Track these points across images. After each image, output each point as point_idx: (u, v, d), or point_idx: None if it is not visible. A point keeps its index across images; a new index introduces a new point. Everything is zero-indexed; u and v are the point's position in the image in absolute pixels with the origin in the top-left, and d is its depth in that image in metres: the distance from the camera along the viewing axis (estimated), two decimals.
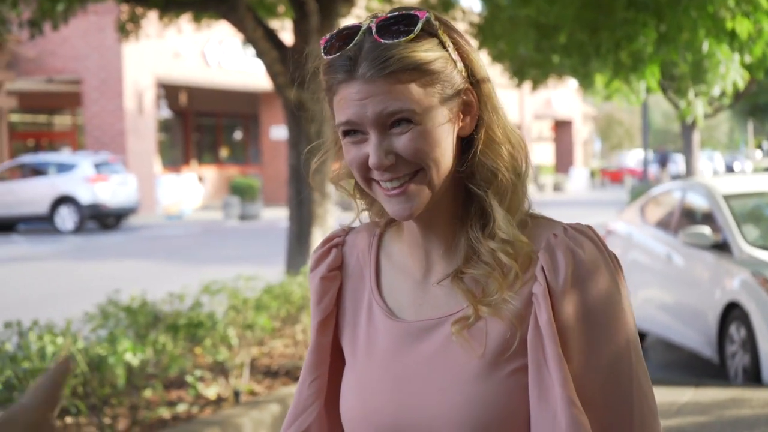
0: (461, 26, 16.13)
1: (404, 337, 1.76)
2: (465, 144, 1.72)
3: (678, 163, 58.54)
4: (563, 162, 66.32)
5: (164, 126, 38.48)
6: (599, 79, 14.91)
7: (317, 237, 9.94)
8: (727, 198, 9.98)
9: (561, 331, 1.62)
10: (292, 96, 9.95)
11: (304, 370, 1.91)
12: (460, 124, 1.71)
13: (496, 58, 17.06)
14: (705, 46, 11.45)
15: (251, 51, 12.67)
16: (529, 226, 1.72)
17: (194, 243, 24.51)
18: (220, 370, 7.21)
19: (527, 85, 20.06)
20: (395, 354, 1.76)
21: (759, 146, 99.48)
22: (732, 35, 11.22)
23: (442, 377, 1.69)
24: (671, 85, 21.49)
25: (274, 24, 11.69)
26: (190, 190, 34.92)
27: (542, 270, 1.65)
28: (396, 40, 1.64)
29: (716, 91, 16.59)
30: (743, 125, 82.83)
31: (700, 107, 19.21)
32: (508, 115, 1.77)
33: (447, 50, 1.69)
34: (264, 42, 9.87)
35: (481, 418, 1.64)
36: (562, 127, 67.26)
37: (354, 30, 1.68)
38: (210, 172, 40.43)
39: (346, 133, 1.69)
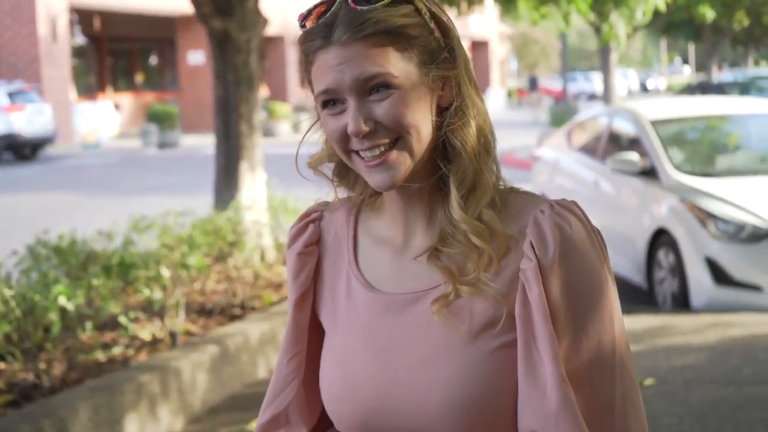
0: None
1: (385, 309, 1.74)
2: (442, 115, 1.70)
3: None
4: (481, 83, 65.52)
5: (78, 52, 37.73)
6: (522, 4, 14.90)
7: (245, 169, 9.81)
8: (654, 124, 10.05)
9: (549, 307, 1.62)
10: (216, 26, 9.77)
11: (282, 348, 1.90)
12: (440, 92, 1.69)
13: None
14: None
15: None
16: (512, 202, 1.71)
17: (114, 173, 24.22)
18: (154, 310, 7.13)
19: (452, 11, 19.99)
20: (377, 326, 1.75)
21: (671, 63, 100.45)
22: None
23: (426, 350, 1.68)
24: (594, 7, 21.53)
25: None
26: (106, 118, 34.39)
27: (531, 246, 1.64)
28: (371, 6, 1.62)
29: (639, 14, 16.67)
30: (656, 43, 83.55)
31: (621, 30, 19.31)
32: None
33: (423, 17, 1.67)
34: None
35: (467, 393, 1.63)
36: (478, 48, 67.27)
37: (330, 1, 1.66)
38: (126, 99, 39.84)
39: (325, 104, 1.67)
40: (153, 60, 44.05)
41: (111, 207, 15.81)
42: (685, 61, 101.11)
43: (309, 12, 1.69)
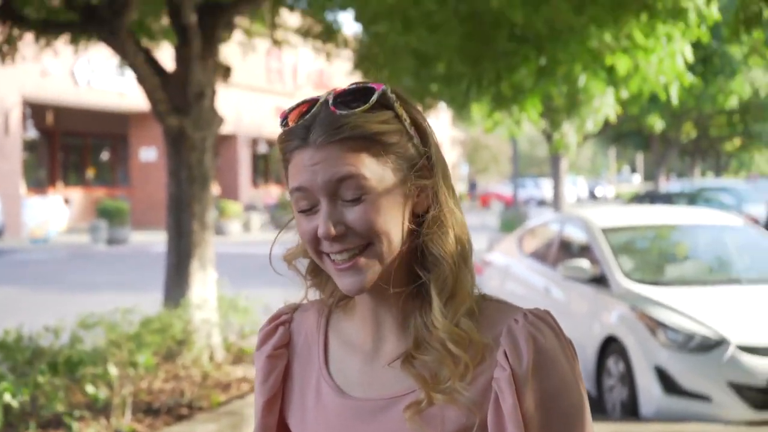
0: (344, 54, 16.14)
1: (354, 416, 1.72)
2: (418, 222, 1.70)
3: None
4: None
5: (30, 146, 37.61)
6: (476, 109, 15.07)
7: (196, 267, 9.78)
8: (605, 231, 10.14)
9: (523, 417, 1.61)
10: (173, 123, 9.79)
11: None
12: (415, 199, 1.69)
13: None
14: (582, 80, 11.66)
15: (125, 72, 12.46)
16: (485, 310, 1.70)
17: (62, 268, 23.98)
18: (100, 409, 7.02)
19: None
20: None
21: (619, 171, 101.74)
22: (610, 70, 11.46)
23: None
24: (542, 112, 21.85)
25: (153, 48, 11.47)
26: (56, 213, 34.16)
27: (505, 355, 1.63)
28: (350, 111, 1.63)
29: (589, 124, 16.93)
30: (605, 151, 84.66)
31: (572, 138, 19.58)
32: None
33: (403, 123, 1.68)
34: (145, 67, 9.67)
35: None
36: None
37: (312, 102, 1.68)
38: (76, 194, 39.64)
39: (298, 203, 1.68)
40: (105, 155, 43.93)
41: (58, 303, 15.64)
42: (634, 170, 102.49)
43: (290, 110, 1.70)
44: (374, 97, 1.65)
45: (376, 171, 1.63)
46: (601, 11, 10.64)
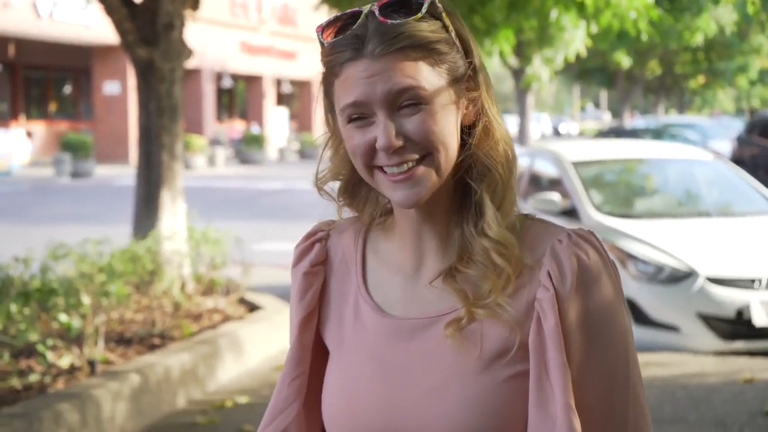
0: None
1: (394, 334, 1.71)
2: (464, 133, 1.68)
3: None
4: None
5: None
6: None
7: (166, 199, 9.74)
8: (576, 165, 10.17)
9: (564, 337, 1.60)
10: (141, 55, 9.71)
11: (285, 368, 1.84)
12: (464, 111, 1.67)
13: None
14: (553, 14, 11.63)
15: (90, 3, 12.32)
16: (528, 229, 1.69)
17: (27, 201, 23.84)
18: (72, 338, 7.00)
19: None
20: (385, 352, 1.71)
21: (583, 108, 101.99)
22: (581, 5, 11.45)
23: (435, 379, 1.65)
24: (513, 49, 21.81)
25: None
26: (18, 146, 33.87)
27: (548, 276, 1.62)
28: (404, 19, 1.60)
29: (559, 58, 16.92)
30: (569, 88, 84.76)
31: (544, 73, 19.57)
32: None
33: (450, 34, 1.65)
34: None
35: (477, 423, 1.60)
36: None
37: (354, 14, 1.63)
38: (39, 127, 39.29)
39: (350, 118, 1.63)
40: (67, 89, 43.49)
41: (24, 235, 15.55)
42: (597, 106, 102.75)
43: (327, 24, 1.66)
44: (425, 6, 1.62)
45: (432, 81, 1.61)
46: None
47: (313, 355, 1.84)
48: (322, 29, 1.67)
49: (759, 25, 31.36)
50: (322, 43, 1.67)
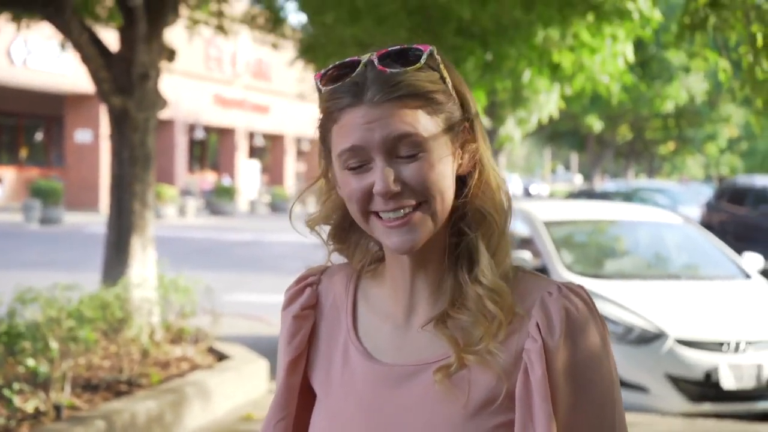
0: (285, 44, 16.08)
1: (383, 381, 1.71)
2: (460, 183, 1.70)
3: None
4: None
5: None
6: None
7: (137, 246, 9.74)
8: (547, 224, 10.21)
9: (551, 389, 1.61)
10: (116, 104, 9.73)
11: (271, 410, 1.86)
12: (459, 161, 1.70)
13: None
14: (526, 76, 11.75)
15: (65, 52, 12.34)
16: (520, 281, 1.71)
17: None
18: (38, 383, 6.94)
19: None
20: (373, 398, 1.71)
21: (554, 170, 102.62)
22: (555, 68, 11.56)
23: (421, 427, 1.66)
24: (485, 109, 21.93)
25: (97, 28, 11.36)
26: None
27: (537, 327, 1.63)
28: (404, 69, 1.63)
29: (534, 119, 17.05)
30: (540, 150, 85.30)
31: (517, 134, 19.70)
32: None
33: (447, 85, 1.68)
34: (90, 48, 9.60)
35: None
36: None
37: (353, 63, 1.66)
38: (9, 173, 39.16)
39: (347, 164, 1.65)
40: (39, 136, 43.38)
41: None
42: (568, 168, 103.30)
43: (327, 71, 1.69)
44: (424, 57, 1.65)
45: (430, 129, 1.63)
46: (549, 9, 10.73)
47: (299, 398, 1.85)
48: (321, 76, 1.69)
49: (729, 93, 31.74)
50: (320, 90, 1.70)
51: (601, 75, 12.02)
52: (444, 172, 1.65)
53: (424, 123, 1.63)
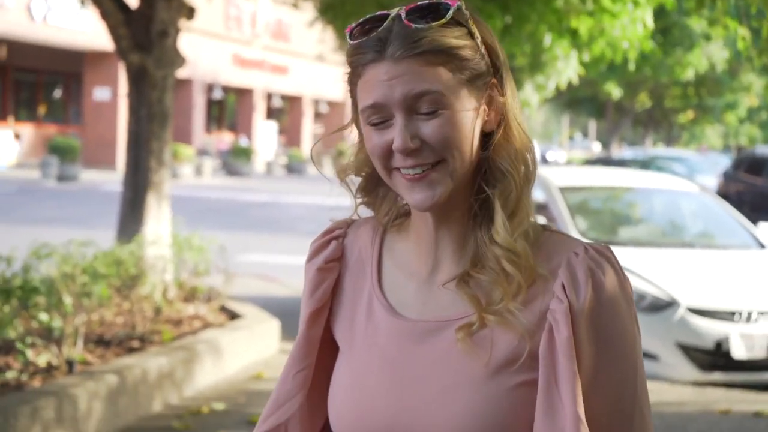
0: (304, 5, 16.02)
1: (406, 336, 1.72)
2: (485, 139, 1.70)
3: None
4: None
5: None
6: None
7: (152, 204, 9.76)
8: (563, 190, 10.20)
9: (576, 351, 1.60)
10: (134, 61, 9.73)
11: (289, 361, 1.86)
12: (485, 117, 1.69)
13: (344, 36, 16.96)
14: (547, 40, 11.69)
15: (85, 8, 12.33)
16: (545, 241, 1.70)
17: (11, 201, 23.78)
18: (52, 337, 6.99)
19: None
20: (396, 353, 1.72)
21: (571, 137, 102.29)
22: (574, 33, 11.50)
23: (443, 382, 1.66)
24: None
25: None
26: (5, 147, 33.82)
27: (562, 287, 1.63)
28: (427, 24, 1.62)
29: (551, 85, 16.97)
30: (558, 117, 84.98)
31: (535, 99, 19.61)
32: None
33: (475, 40, 1.67)
34: (109, 3, 9.60)
35: (482, 429, 1.61)
36: None
37: (382, 17, 1.66)
38: (27, 129, 39.21)
39: (369, 118, 1.66)
40: (57, 93, 43.44)
41: (7, 235, 15.49)
42: (586, 136, 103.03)
43: (357, 25, 1.68)
44: (450, 12, 1.64)
45: (452, 86, 1.62)
46: None
47: (320, 350, 1.85)
48: (351, 30, 1.69)
49: (749, 62, 31.55)
50: (349, 44, 1.70)
51: (620, 41, 11.94)
52: (465, 129, 1.64)
53: (446, 80, 1.62)
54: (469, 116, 1.65)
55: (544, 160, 76.41)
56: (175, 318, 8.57)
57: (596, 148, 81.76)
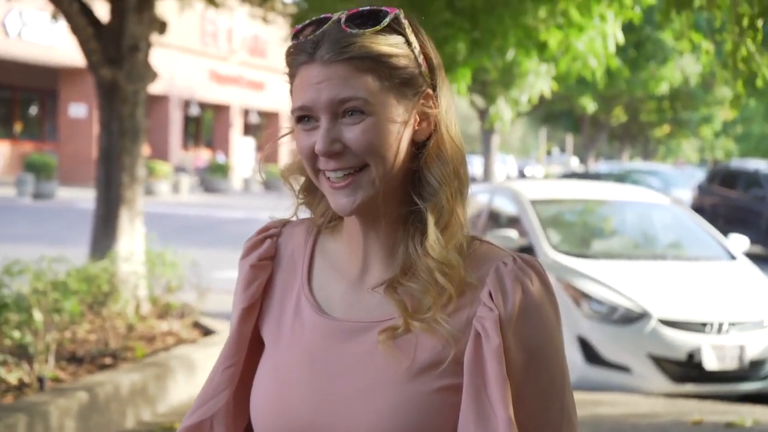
0: (280, 21, 16.03)
1: (331, 335, 1.74)
2: (417, 150, 1.71)
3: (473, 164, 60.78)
4: None
5: None
6: None
7: (125, 220, 9.74)
8: (534, 203, 10.23)
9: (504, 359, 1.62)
10: (105, 75, 9.72)
11: (220, 357, 1.88)
12: (416, 127, 1.70)
13: None
14: (510, 54, 11.73)
15: (57, 25, 12.31)
16: (475, 251, 1.72)
17: None
18: (23, 354, 6.96)
19: None
20: (320, 351, 1.74)
21: (549, 152, 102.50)
22: (542, 47, 11.54)
23: (365, 381, 1.68)
24: (477, 88, 21.87)
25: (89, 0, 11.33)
26: None
27: (489, 295, 1.65)
28: (360, 30, 1.64)
29: (523, 98, 17.02)
30: (536, 131, 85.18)
31: (507, 113, 19.66)
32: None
33: (412, 51, 1.69)
34: (79, 18, 9.58)
35: (401, 429, 1.63)
36: None
37: (325, 20, 1.68)
38: (3, 147, 39.11)
39: (299, 120, 1.68)
40: (33, 110, 43.35)
41: None
42: (563, 150, 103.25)
43: (303, 26, 1.70)
44: (386, 20, 1.66)
45: (378, 94, 1.64)
46: None
47: (249, 347, 1.87)
48: (298, 30, 1.71)
49: (711, 76, 31.70)
50: (291, 44, 1.72)
51: (587, 56, 11.97)
52: (390, 137, 1.65)
53: (373, 87, 1.63)
54: (396, 125, 1.66)
55: (522, 175, 76.68)
56: (149, 334, 8.55)
57: (574, 162, 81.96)
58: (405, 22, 1.69)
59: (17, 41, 34.77)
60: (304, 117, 1.68)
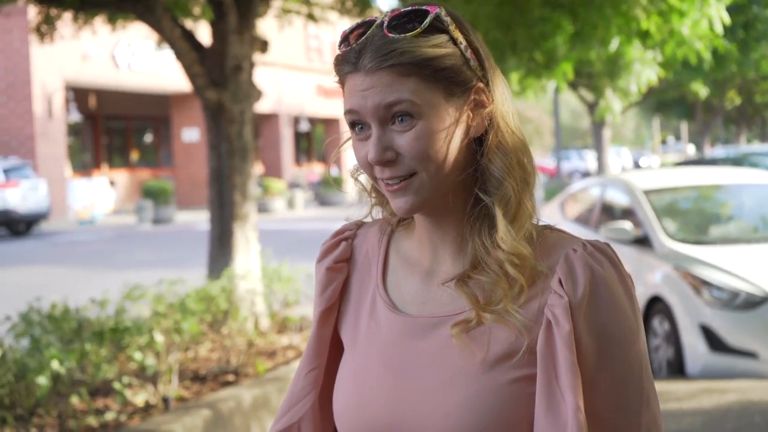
0: None
1: (406, 331, 1.74)
2: (477, 144, 1.70)
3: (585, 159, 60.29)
4: None
5: (74, 130, 37.87)
6: (514, 77, 14.99)
7: (239, 238, 9.86)
8: (647, 193, 10.11)
9: (576, 346, 1.60)
10: (211, 97, 9.86)
11: (302, 361, 1.90)
12: (470, 123, 1.68)
13: None
14: (614, 44, 11.61)
15: (164, 52, 12.53)
16: (546, 240, 1.70)
17: (108, 248, 24.19)
18: (147, 376, 7.10)
19: None
20: (396, 348, 1.74)
21: (664, 142, 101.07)
22: (645, 34, 11.40)
23: (440, 377, 1.67)
24: (584, 82, 21.65)
25: (190, 25, 11.52)
26: (101, 195, 34.46)
27: (560, 283, 1.63)
28: (401, 35, 1.62)
29: (633, 87, 16.83)
30: (649, 121, 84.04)
31: (617, 104, 19.45)
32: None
33: (458, 47, 1.66)
34: (182, 43, 9.74)
35: (479, 421, 1.61)
36: None
37: (368, 24, 1.67)
38: (121, 175, 39.95)
39: (352, 127, 1.69)
40: (148, 137, 44.23)
41: (104, 280, 15.77)
42: (678, 139, 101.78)
43: (350, 31, 1.71)
44: (426, 21, 1.64)
45: (426, 96, 1.62)
46: None
47: (330, 349, 1.89)
48: (345, 36, 1.71)
49: None
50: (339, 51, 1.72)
51: (692, 40, 11.79)
52: (441, 140, 1.64)
53: (418, 90, 1.61)
54: (446, 125, 1.64)
55: (637, 166, 75.71)
56: (269, 350, 8.64)
57: (690, 150, 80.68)
58: (447, 19, 1.66)
59: (128, 72, 35.51)
60: (356, 124, 1.68)
